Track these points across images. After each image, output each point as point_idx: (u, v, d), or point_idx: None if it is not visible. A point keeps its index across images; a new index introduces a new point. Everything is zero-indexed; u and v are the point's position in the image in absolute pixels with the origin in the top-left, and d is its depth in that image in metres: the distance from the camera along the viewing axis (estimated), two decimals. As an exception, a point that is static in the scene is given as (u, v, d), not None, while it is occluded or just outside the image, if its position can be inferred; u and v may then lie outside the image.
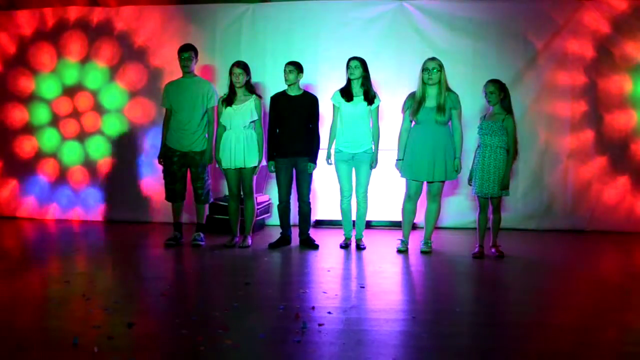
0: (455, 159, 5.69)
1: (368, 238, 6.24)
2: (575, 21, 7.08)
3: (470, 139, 6.26)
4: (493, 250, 5.69)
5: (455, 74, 7.06)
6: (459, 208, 7.28)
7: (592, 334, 3.52)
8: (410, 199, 5.83)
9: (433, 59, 5.66)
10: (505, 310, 4.07)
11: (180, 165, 6.07)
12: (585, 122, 7.13)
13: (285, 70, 5.92)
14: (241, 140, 5.89)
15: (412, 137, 5.74)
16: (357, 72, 5.84)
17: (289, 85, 5.96)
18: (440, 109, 5.57)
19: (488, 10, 7.19)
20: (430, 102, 5.61)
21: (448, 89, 5.66)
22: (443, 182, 5.74)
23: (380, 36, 7.32)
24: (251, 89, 5.99)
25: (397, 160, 5.83)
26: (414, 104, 5.65)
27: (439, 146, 5.61)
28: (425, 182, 5.77)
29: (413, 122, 5.74)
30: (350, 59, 5.89)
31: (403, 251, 5.84)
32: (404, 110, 5.78)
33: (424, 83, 5.62)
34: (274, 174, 6.13)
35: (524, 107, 7.11)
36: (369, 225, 6.81)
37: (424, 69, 5.62)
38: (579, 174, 7.15)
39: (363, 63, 5.87)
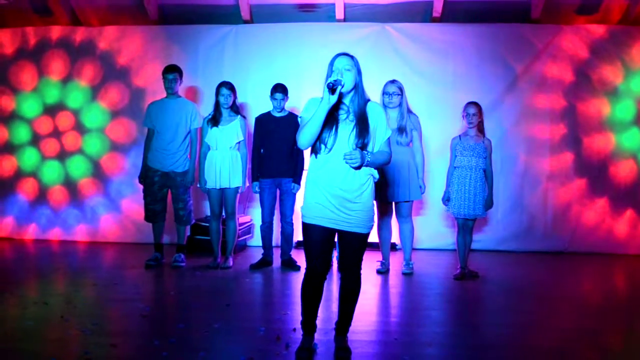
0: (418, 179, 5.75)
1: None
2: (555, 46, 7.19)
3: (445, 160, 6.19)
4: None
5: (436, 96, 7.15)
6: (436, 229, 7.25)
7: (572, 355, 3.54)
8: (383, 220, 5.86)
9: (393, 82, 5.76)
10: (486, 331, 4.08)
11: (160, 186, 6.04)
12: (564, 144, 7.21)
13: (275, 97, 5.93)
14: (227, 161, 5.89)
15: None
16: None
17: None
18: (401, 130, 5.65)
19: (468, 33, 7.27)
20: (392, 124, 5.67)
21: (409, 111, 5.75)
22: (410, 202, 5.78)
23: (362, 58, 7.25)
24: (237, 109, 6.01)
25: None
26: None
27: (402, 167, 5.66)
28: (393, 204, 5.81)
29: None
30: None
31: (383, 272, 5.84)
32: None
33: (384, 106, 5.68)
34: (257, 195, 6.13)
35: (504, 130, 7.18)
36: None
37: (384, 93, 5.71)
38: (559, 196, 7.21)
39: None
